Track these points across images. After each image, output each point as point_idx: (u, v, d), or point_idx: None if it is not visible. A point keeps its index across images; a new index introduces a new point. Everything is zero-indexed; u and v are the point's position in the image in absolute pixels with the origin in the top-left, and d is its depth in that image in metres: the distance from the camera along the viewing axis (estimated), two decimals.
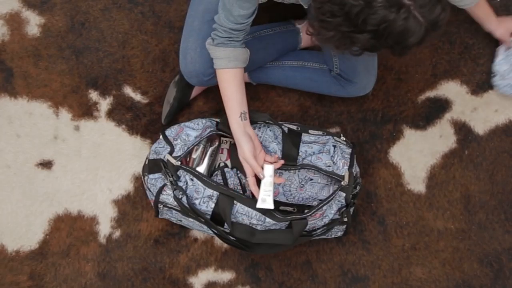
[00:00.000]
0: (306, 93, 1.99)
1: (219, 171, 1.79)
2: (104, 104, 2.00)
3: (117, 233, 1.97)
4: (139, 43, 2.01)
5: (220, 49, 1.62)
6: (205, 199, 1.73)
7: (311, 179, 1.79)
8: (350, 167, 1.79)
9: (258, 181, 1.69)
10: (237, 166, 1.79)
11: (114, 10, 2.02)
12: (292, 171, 1.79)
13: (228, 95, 1.66)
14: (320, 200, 1.79)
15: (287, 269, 1.96)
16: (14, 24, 2.02)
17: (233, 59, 1.63)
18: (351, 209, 1.80)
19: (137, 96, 2.00)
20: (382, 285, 1.95)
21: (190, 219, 1.79)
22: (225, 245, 1.95)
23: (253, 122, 1.80)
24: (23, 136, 2.00)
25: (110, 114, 2.00)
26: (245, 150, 1.66)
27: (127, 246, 1.96)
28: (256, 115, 1.72)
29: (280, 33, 1.91)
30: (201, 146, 1.80)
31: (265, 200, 1.67)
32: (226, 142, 1.82)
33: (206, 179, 1.73)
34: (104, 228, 1.97)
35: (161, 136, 1.84)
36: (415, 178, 1.98)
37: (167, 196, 1.77)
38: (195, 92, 1.96)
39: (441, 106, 1.99)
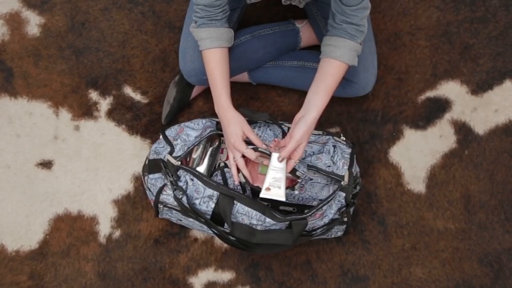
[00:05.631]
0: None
1: (219, 171, 1.79)
2: (104, 104, 2.00)
3: (117, 233, 1.97)
4: (139, 43, 2.01)
5: (203, 29, 1.65)
6: (205, 199, 1.72)
7: (311, 179, 1.79)
8: (350, 167, 1.79)
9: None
10: None
11: (114, 10, 2.02)
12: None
13: (213, 76, 1.66)
14: (320, 200, 1.79)
15: (287, 269, 1.95)
16: (14, 24, 2.02)
17: (216, 38, 1.65)
18: (351, 209, 1.80)
19: (137, 96, 2.00)
20: (382, 285, 1.95)
21: (190, 219, 1.79)
22: (225, 245, 1.95)
23: (253, 122, 1.80)
24: (23, 136, 2.00)
25: (110, 114, 2.00)
26: (232, 131, 1.65)
27: (127, 246, 1.96)
28: (256, 115, 1.72)
29: (279, 32, 1.91)
30: (201, 146, 1.80)
31: (273, 189, 1.63)
32: None
33: (206, 179, 1.73)
34: (104, 228, 1.97)
35: (161, 136, 1.84)
36: (415, 178, 1.98)
37: (167, 196, 1.76)
38: (195, 92, 1.96)
39: (441, 106, 1.99)
